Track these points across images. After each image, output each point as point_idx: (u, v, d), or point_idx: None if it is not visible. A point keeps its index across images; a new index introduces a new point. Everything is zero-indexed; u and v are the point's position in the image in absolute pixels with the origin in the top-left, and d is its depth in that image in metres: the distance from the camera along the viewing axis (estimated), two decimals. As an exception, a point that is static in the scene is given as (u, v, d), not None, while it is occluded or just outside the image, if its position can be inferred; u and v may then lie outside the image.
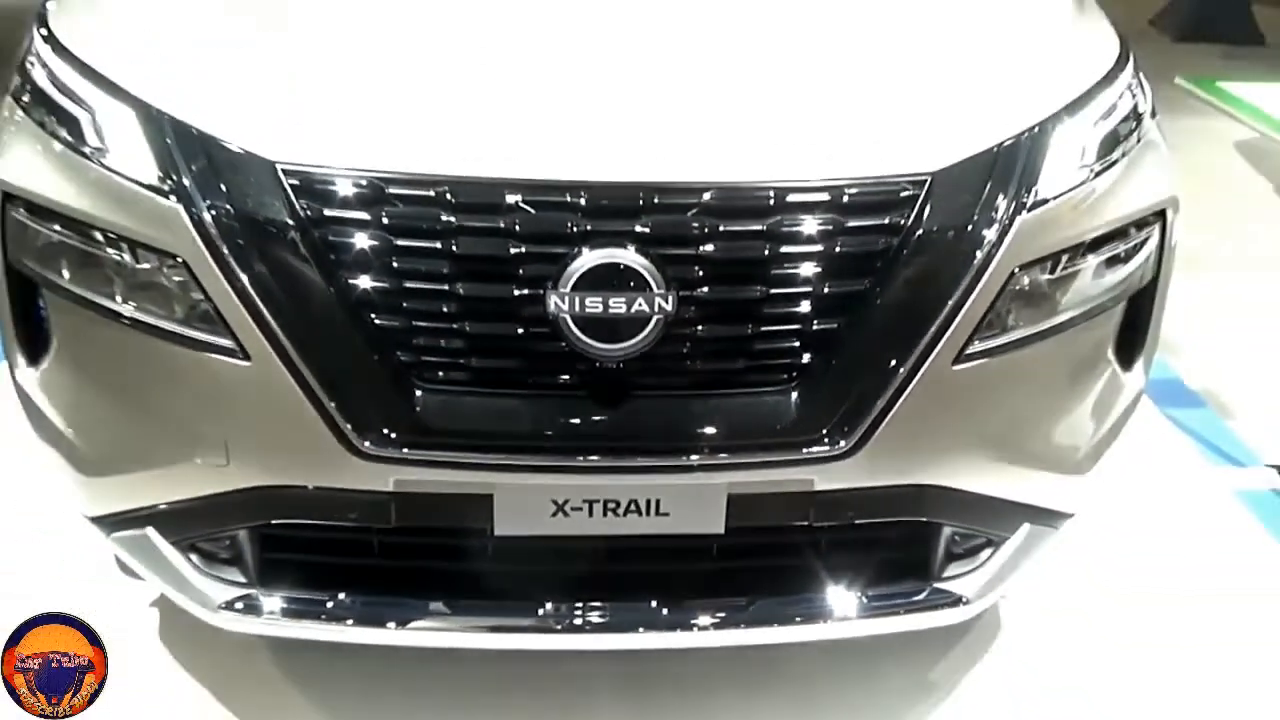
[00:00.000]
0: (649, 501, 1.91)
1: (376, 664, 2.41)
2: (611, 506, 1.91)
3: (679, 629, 2.03)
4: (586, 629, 2.01)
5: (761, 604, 2.06)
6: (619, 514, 1.91)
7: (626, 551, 2.03)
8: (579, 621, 2.01)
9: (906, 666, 2.46)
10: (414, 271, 1.81)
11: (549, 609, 2.01)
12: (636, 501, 1.91)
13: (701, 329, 1.85)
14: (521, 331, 1.83)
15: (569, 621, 2.01)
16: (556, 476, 1.89)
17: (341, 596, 2.02)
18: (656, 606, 2.03)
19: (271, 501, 1.94)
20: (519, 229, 1.80)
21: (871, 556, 2.09)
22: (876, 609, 2.07)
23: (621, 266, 1.78)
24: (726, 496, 1.92)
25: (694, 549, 2.02)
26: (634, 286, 1.78)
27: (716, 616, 2.03)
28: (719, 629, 2.03)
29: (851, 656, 2.43)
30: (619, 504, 1.91)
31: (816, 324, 1.87)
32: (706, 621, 2.03)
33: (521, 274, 1.80)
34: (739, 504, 1.93)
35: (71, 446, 2.06)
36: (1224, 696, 2.43)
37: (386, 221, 1.80)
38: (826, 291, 1.86)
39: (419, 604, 2.03)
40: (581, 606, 2.02)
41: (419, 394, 1.86)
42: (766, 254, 1.84)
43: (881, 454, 1.91)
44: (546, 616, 2.01)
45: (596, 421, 1.88)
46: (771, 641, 2.13)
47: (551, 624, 2.01)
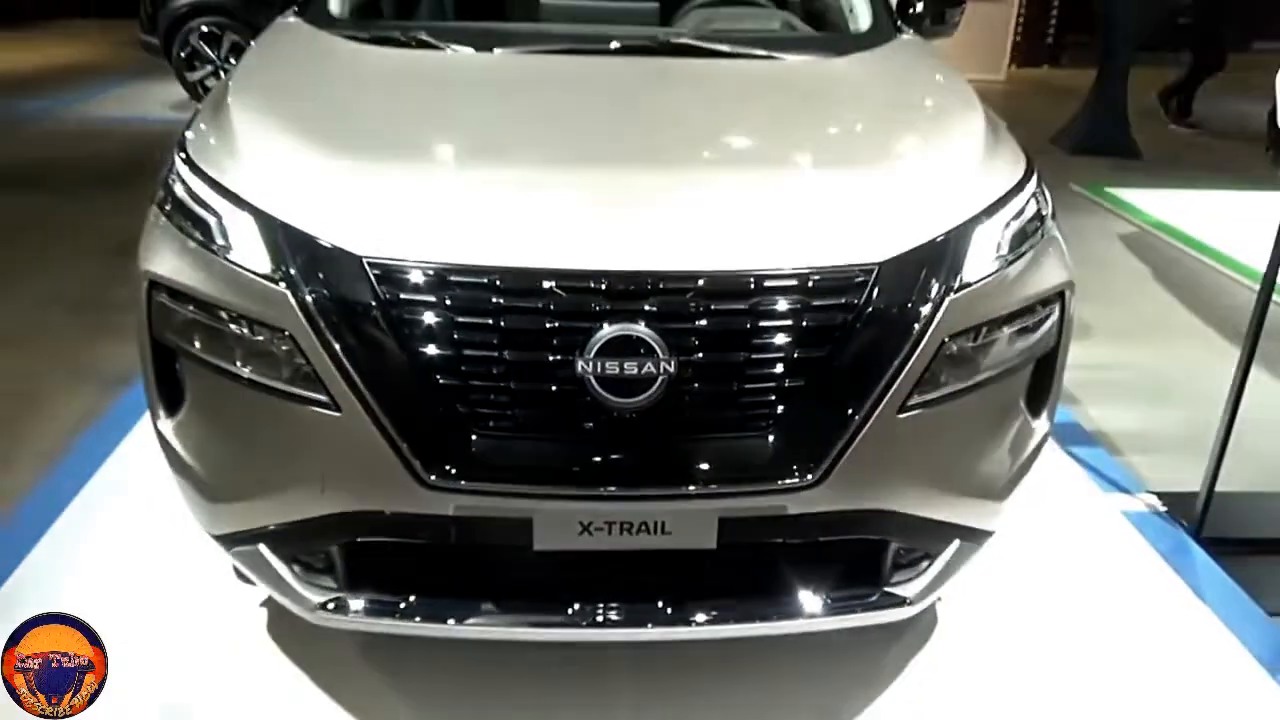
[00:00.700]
0: (656, 523, 1.90)
1: (386, 659, 2.36)
2: (626, 527, 1.89)
3: (680, 624, 2.00)
4: (606, 624, 1.98)
5: (746, 604, 2.03)
6: (632, 533, 1.90)
7: (638, 562, 2.02)
8: (599, 618, 1.98)
9: (860, 653, 2.43)
10: (470, 341, 1.81)
11: (576, 608, 1.98)
12: (646, 523, 1.89)
13: (697, 386, 1.84)
14: (555, 389, 1.82)
15: (592, 618, 1.98)
16: (583, 504, 1.88)
17: (412, 599, 1.99)
18: (662, 606, 2.00)
19: (357, 523, 1.92)
20: (553, 308, 1.80)
21: (833, 566, 2.06)
22: (838, 608, 2.04)
23: (634, 337, 1.79)
24: (718, 519, 1.90)
25: (692, 560, 2.00)
26: (643, 353, 1.79)
27: (710, 614, 2.00)
28: (712, 624, 2.00)
29: (817, 646, 2.41)
30: (632, 525, 1.89)
31: (788, 382, 1.86)
32: (702, 618, 2.00)
33: (555, 343, 1.80)
34: (728, 525, 1.91)
35: (200, 480, 2.05)
36: (1113, 676, 2.42)
37: (449, 302, 1.81)
38: (796, 357, 1.85)
39: (473, 604, 2.00)
40: (602, 606, 1.99)
41: (474, 438, 1.85)
42: (748, 327, 1.83)
43: (841, 485, 1.89)
44: (574, 614, 1.98)
45: (614, 460, 1.86)
46: (753, 634, 2.09)
47: (578, 620, 1.98)
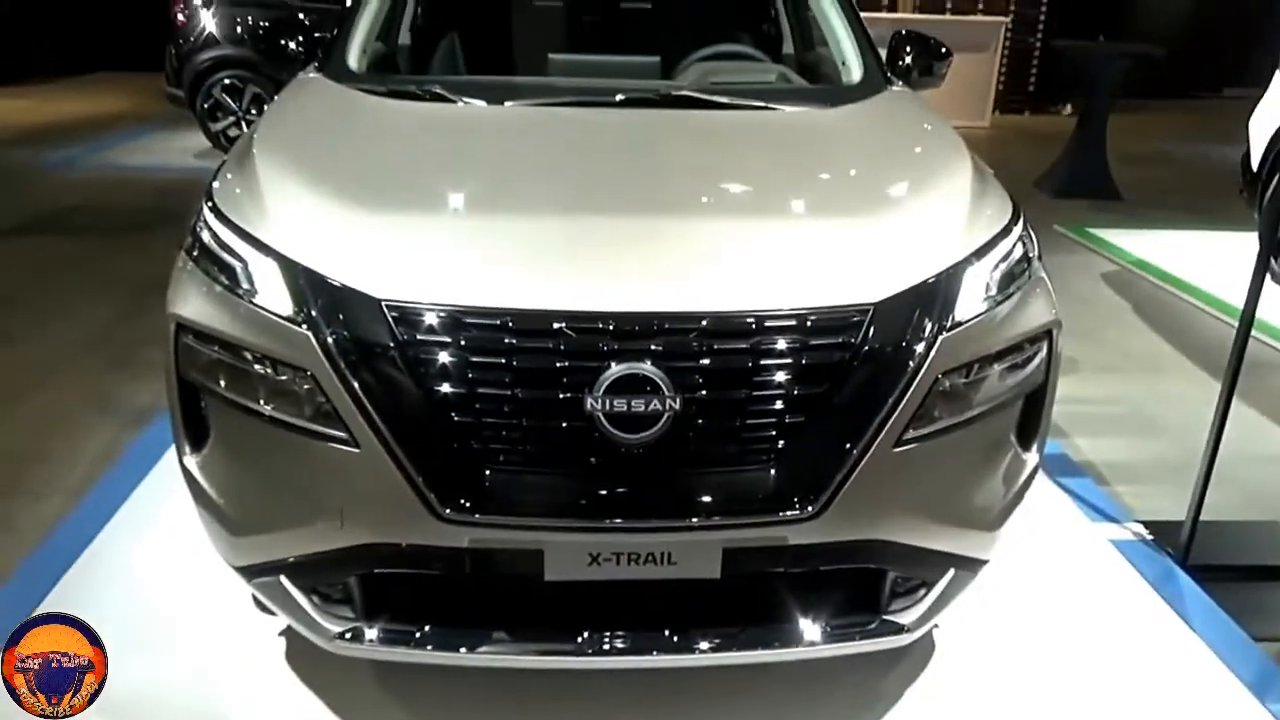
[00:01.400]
0: (662, 554, 1.89)
1: (401, 684, 2.33)
2: (634, 557, 1.88)
3: (686, 652, 1.98)
4: (614, 652, 1.97)
5: (750, 631, 2.01)
6: (639, 563, 1.89)
7: (645, 591, 2.00)
8: (608, 646, 1.97)
9: (859, 678, 2.42)
10: (484, 380, 1.82)
11: (585, 637, 1.96)
12: (653, 554, 1.88)
13: (701, 422, 1.84)
14: (565, 425, 1.82)
15: (600, 646, 1.96)
16: (592, 536, 1.88)
17: (426, 628, 1.98)
18: (668, 634, 1.98)
19: (375, 555, 1.92)
20: (563, 348, 1.81)
21: (834, 595, 2.05)
22: (838, 636, 2.02)
23: (641, 376, 1.79)
24: (721, 550, 1.89)
25: (697, 590, 1.98)
26: (650, 391, 1.79)
27: (714, 642, 1.98)
28: (717, 651, 1.99)
29: (817, 670, 2.39)
30: (639, 555, 1.88)
31: (788, 418, 1.86)
32: (707, 646, 1.98)
33: (565, 382, 1.81)
34: (731, 555, 1.90)
35: (223, 513, 2.05)
36: (1103, 700, 2.41)
37: (463, 343, 1.81)
38: (796, 393, 1.85)
39: (485, 633, 1.98)
40: (610, 635, 1.97)
41: (488, 473, 1.85)
42: (750, 365, 1.84)
43: (840, 516, 1.88)
44: (583, 643, 1.96)
45: (622, 493, 1.86)
46: (757, 661, 2.08)
47: (587, 648, 1.96)
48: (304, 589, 2.01)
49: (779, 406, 1.86)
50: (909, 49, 3.13)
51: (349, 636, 1.99)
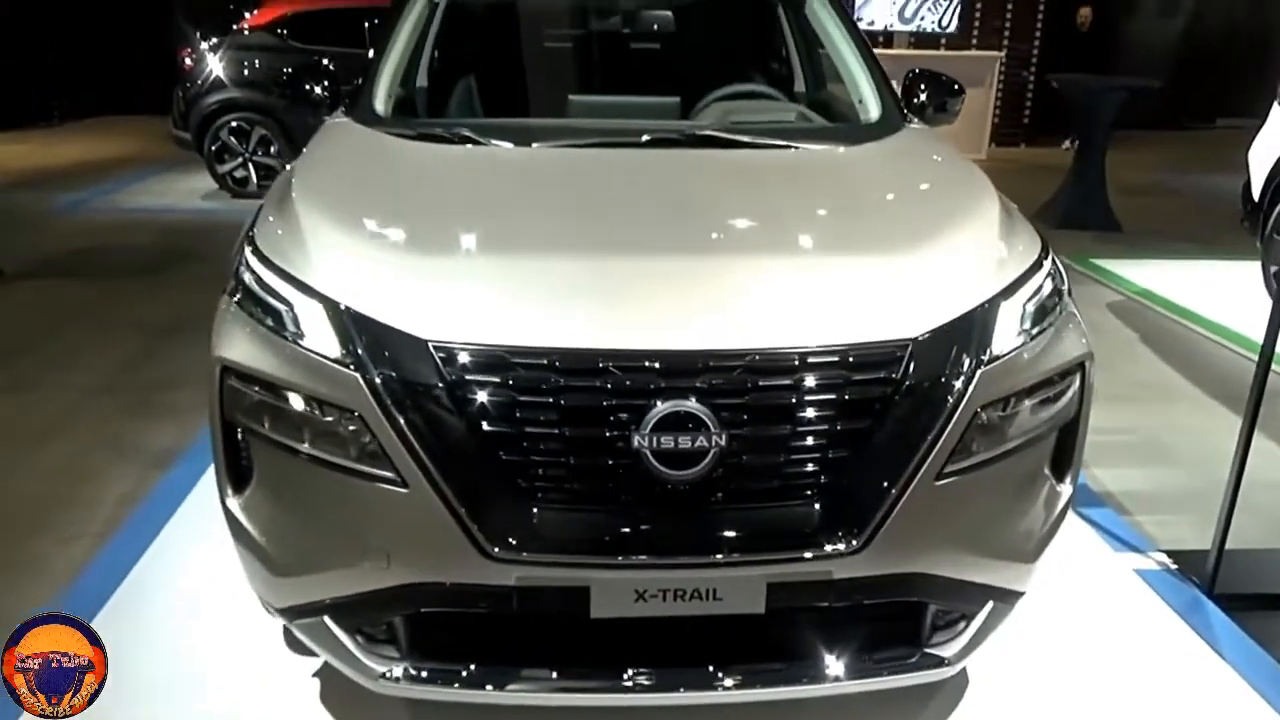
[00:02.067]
0: (708, 589, 1.90)
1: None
2: (680, 593, 1.89)
3: (733, 688, 1.98)
4: (661, 689, 1.97)
5: (793, 666, 2.02)
6: (685, 599, 1.90)
7: (685, 628, 2.01)
8: (654, 684, 1.97)
9: (892, 711, 2.41)
10: (531, 419, 1.83)
11: (632, 674, 1.97)
12: (698, 590, 1.89)
13: (746, 459, 1.86)
14: (612, 463, 1.84)
15: (647, 684, 1.96)
16: (638, 572, 1.88)
17: (472, 667, 1.97)
18: (714, 670, 1.98)
19: (421, 594, 1.92)
20: (610, 387, 1.83)
21: (876, 629, 2.06)
22: (881, 669, 2.04)
23: (686, 413, 1.81)
24: (766, 584, 1.90)
25: (741, 625, 1.98)
26: (695, 428, 1.81)
27: (760, 676, 2.00)
28: (762, 686, 1.99)
29: (852, 703, 2.37)
30: (685, 591, 1.89)
31: (831, 453, 1.88)
32: (752, 682, 1.99)
33: (612, 420, 1.82)
34: (775, 590, 1.91)
35: (266, 555, 2.05)
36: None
37: (510, 383, 1.83)
38: (838, 429, 1.88)
39: (531, 672, 1.98)
40: (655, 672, 1.98)
41: (535, 511, 1.86)
42: (794, 401, 1.86)
43: (883, 550, 1.90)
44: (631, 680, 1.96)
45: (668, 530, 1.88)
46: (802, 696, 2.08)
47: (634, 685, 1.96)
48: (348, 629, 2.01)
49: (822, 442, 1.88)
50: (923, 86, 3.19)
51: (394, 676, 1.99)
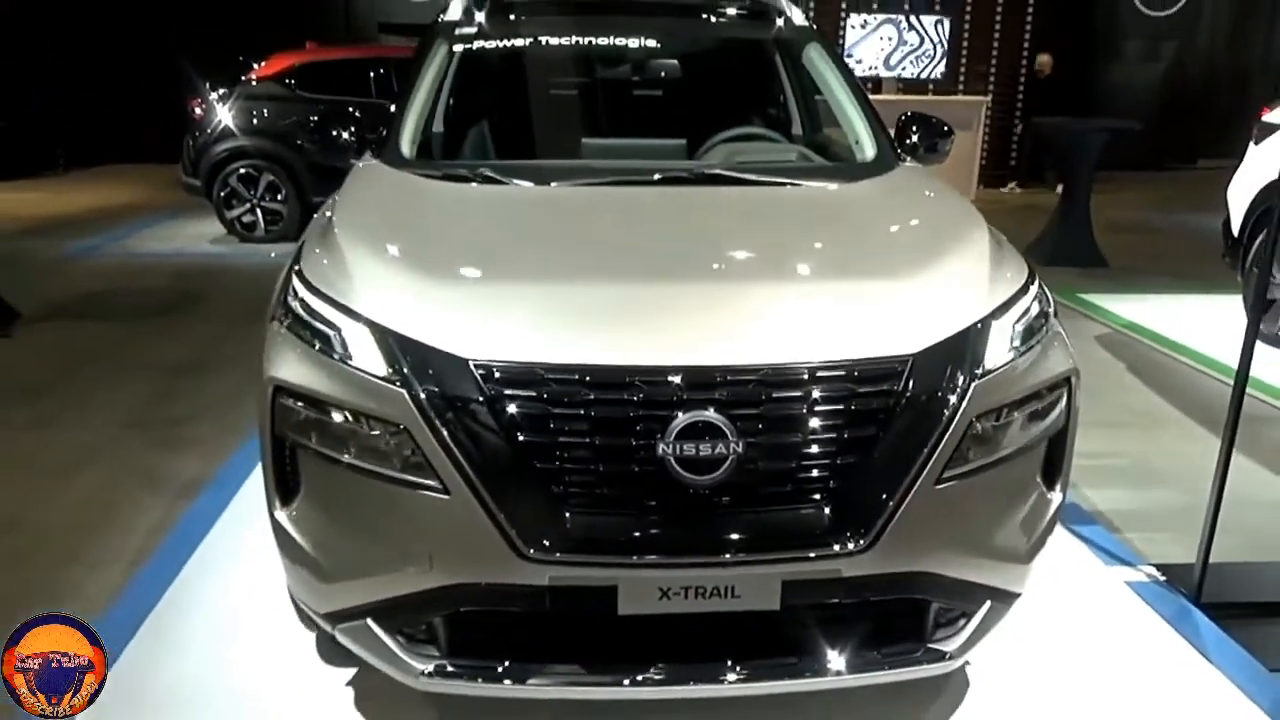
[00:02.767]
0: (726, 588, 2.03)
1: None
2: (700, 591, 2.02)
3: (748, 680, 2.10)
4: (685, 681, 2.10)
5: (805, 659, 2.14)
6: (705, 597, 2.03)
7: (710, 621, 2.10)
8: (678, 676, 2.09)
9: (890, 712, 2.54)
10: (564, 430, 1.98)
11: (657, 667, 2.09)
12: (718, 587, 2.02)
13: (761, 465, 2.01)
14: (638, 469, 1.98)
15: (672, 677, 2.09)
16: (663, 572, 2.02)
17: (508, 663, 2.09)
18: (731, 664, 2.10)
19: (461, 594, 2.05)
20: (636, 399, 1.98)
21: (883, 625, 2.18)
22: (887, 663, 2.16)
23: (706, 423, 1.96)
24: (780, 582, 2.03)
25: (757, 620, 2.10)
26: (714, 437, 1.96)
27: (774, 669, 2.12)
28: (777, 679, 2.12)
29: (858, 696, 2.51)
30: (705, 589, 2.02)
31: (839, 459, 2.03)
32: (767, 673, 2.12)
33: (638, 430, 1.97)
34: (789, 587, 2.04)
35: (314, 563, 2.17)
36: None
37: (545, 397, 1.98)
38: (845, 436, 2.03)
39: (563, 666, 2.10)
40: (679, 666, 2.10)
41: (568, 515, 2.00)
42: (803, 412, 2.02)
43: (888, 549, 2.04)
44: (655, 673, 2.08)
45: (690, 532, 2.01)
46: (813, 689, 2.20)
47: (658, 678, 2.08)
48: (390, 630, 2.14)
49: (831, 448, 2.03)
50: (915, 128, 3.39)
51: (434, 673, 2.11)
